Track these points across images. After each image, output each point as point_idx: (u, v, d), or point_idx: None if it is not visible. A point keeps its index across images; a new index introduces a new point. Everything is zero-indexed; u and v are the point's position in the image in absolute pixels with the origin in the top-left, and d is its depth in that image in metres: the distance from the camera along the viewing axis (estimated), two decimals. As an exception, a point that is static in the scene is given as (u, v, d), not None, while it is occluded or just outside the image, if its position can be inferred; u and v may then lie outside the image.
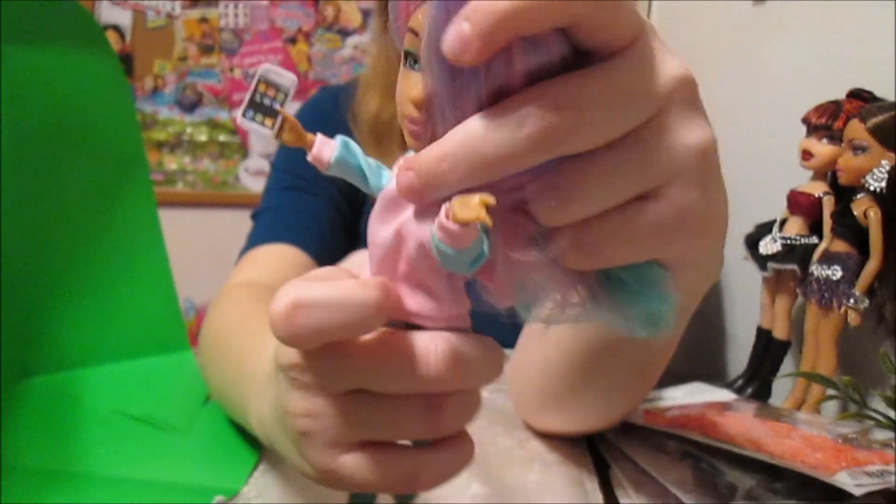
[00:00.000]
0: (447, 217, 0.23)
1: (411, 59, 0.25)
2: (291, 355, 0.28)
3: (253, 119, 0.28)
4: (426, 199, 0.25)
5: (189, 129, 1.79)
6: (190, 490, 0.48)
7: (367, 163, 0.28)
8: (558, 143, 0.23)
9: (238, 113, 0.28)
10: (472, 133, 0.23)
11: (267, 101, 0.28)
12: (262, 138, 0.26)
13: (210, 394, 0.63)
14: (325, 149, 0.27)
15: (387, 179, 0.28)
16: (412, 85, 0.25)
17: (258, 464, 0.53)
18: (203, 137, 1.79)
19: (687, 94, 0.26)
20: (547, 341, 0.54)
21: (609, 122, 0.23)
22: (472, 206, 0.22)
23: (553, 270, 0.26)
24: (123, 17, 1.72)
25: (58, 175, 0.63)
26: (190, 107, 1.78)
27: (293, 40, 1.76)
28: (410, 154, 0.26)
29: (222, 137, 1.80)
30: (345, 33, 1.75)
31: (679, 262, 0.28)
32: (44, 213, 0.63)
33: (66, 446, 0.54)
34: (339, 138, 0.28)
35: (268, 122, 0.28)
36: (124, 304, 0.68)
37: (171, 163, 1.79)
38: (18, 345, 0.62)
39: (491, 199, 0.22)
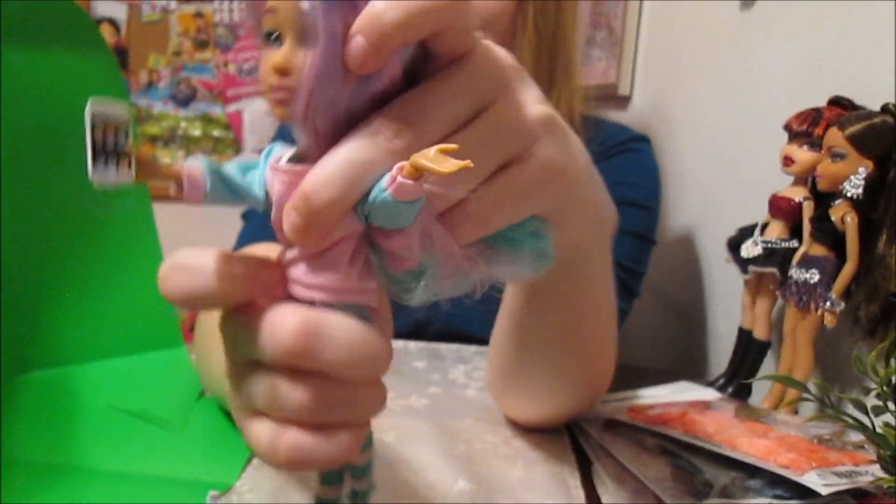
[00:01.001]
0: (403, 175, 0.24)
1: (271, 36, 0.27)
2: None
3: (106, 170, 0.25)
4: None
5: (183, 124, 1.80)
6: (184, 484, 0.50)
7: (238, 178, 0.28)
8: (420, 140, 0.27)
9: (87, 167, 0.25)
10: (339, 161, 0.26)
11: (110, 143, 0.25)
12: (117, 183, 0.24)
13: (204, 388, 0.64)
14: (195, 186, 0.27)
15: (260, 183, 0.28)
16: (273, 56, 0.27)
17: (251, 458, 0.54)
18: (197, 132, 1.80)
19: (519, 80, 0.32)
20: (497, 321, 0.56)
21: (460, 112, 0.28)
22: (452, 161, 0.23)
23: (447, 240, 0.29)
24: (119, 11, 1.73)
25: (54, 173, 0.64)
26: (184, 101, 1.79)
27: (286, 36, 1.77)
28: (277, 147, 0.28)
29: (216, 132, 1.81)
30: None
31: (557, 212, 0.34)
32: (40, 211, 0.64)
33: (64, 440, 0.55)
34: (204, 164, 0.27)
35: (122, 167, 0.25)
36: (119, 301, 0.69)
37: (165, 157, 1.80)
38: (15, 341, 0.63)
39: (453, 146, 0.24)
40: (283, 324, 0.26)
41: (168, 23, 1.76)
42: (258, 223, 0.82)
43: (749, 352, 0.73)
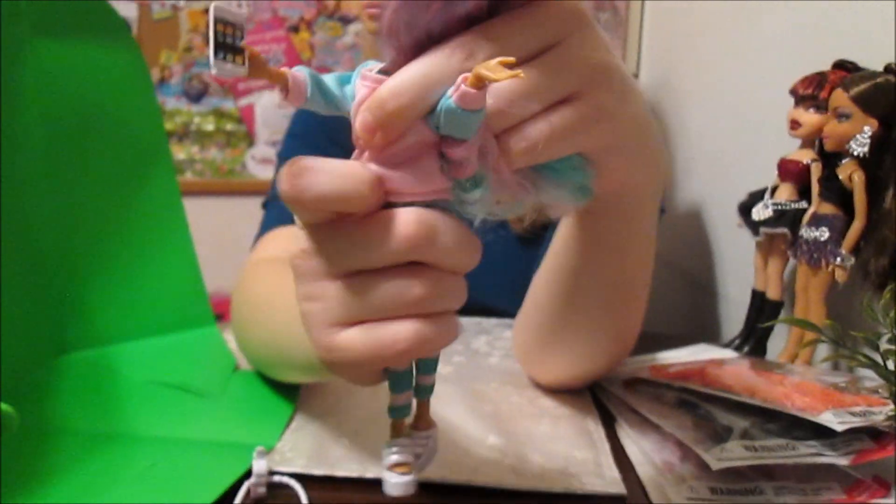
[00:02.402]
0: (468, 84, 0.27)
1: None
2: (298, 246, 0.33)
3: (224, 63, 0.27)
4: (381, 136, 0.29)
5: (196, 119, 1.82)
6: (228, 446, 0.52)
7: (335, 89, 0.31)
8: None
9: (210, 59, 0.27)
10: (414, 72, 0.29)
11: (229, 41, 0.28)
12: (228, 76, 0.27)
13: (243, 361, 0.67)
14: (299, 90, 0.30)
15: (351, 94, 0.31)
16: None
17: (290, 422, 0.57)
18: (210, 127, 1.82)
19: (588, 27, 0.34)
20: (535, 286, 0.59)
21: (531, 45, 0.31)
22: (498, 69, 0.26)
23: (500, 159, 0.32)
24: (129, 10, 1.74)
25: (87, 162, 0.67)
26: (196, 97, 1.81)
27: (295, 29, 1.79)
28: (369, 63, 0.31)
29: (229, 126, 1.83)
30: (346, 21, 1.78)
31: (606, 152, 0.37)
32: (75, 199, 0.67)
33: (109, 410, 0.57)
34: (307, 71, 0.30)
35: (238, 62, 0.28)
36: (153, 284, 0.71)
37: (180, 152, 1.82)
38: (54, 323, 0.66)
39: (511, 59, 0.26)
40: (404, 221, 0.29)
41: (178, 19, 1.78)
42: (278, 212, 0.84)
43: (763, 312, 0.75)
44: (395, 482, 0.33)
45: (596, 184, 0.39)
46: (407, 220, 0.29)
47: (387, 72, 0.30)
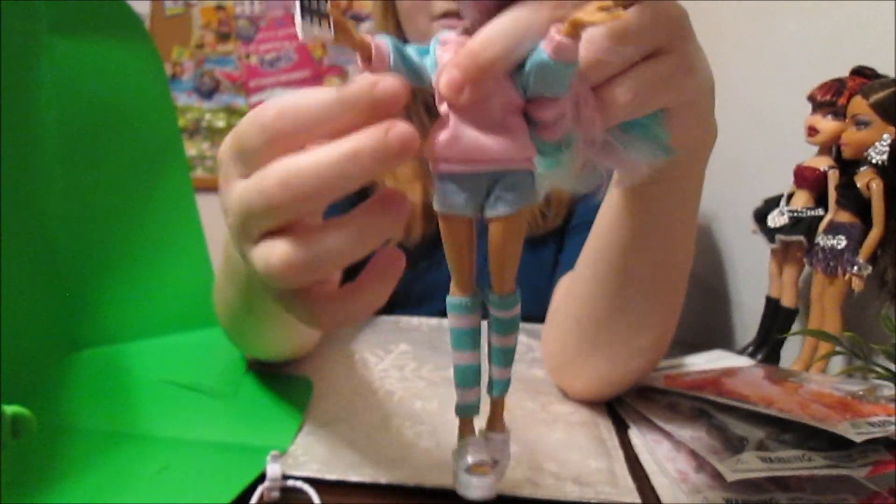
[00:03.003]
0: (562, 35, 0.26)
1: None
2: (226, 146, 0.33)
3: (311, 27, 0.27)
4: (470, 95, 0.28)
5: (207, 116, 1.82)
6: (241, 449, 0.52)
7: (416, 58, 0.31)
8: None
9: (297, 22, 0.27)
10: (504, 23, 0.28)
11: (314, 5, 0.27)
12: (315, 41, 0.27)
13: (245, 357, 0.67)
14: (381, 59, 0.30)
15: (432, 64, 0.31)
16: None
17: (302, 426, 0.57)
18: (221, 123, 1.82)
19: None
20: (574, 283, 0.58)
21: None
22: (598, 13, 0.26)
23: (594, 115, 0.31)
24: (141, 6, 1.75)
25: (102, 159, 0.67)
26: (208, 93, 1.81)
27: (308, 26, 1.79)
28: (444, 33, 0.31)
29: (240, 123, 1.83)
30: (358, 19, 1.78)
31: (684, 105, 0.37)
32: (89, 196, 0.67)
33: (122, 410, 0.57)
34: (389, 41, 0.30)
35: (325, 25, 0.28)
36: (165, 281, 0.71)
37: (191, 149, 1.83)
38: (67, 320, 0.66)
39: (609, 2, 0.26)
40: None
41: (190, 16, 1.78)
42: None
43: (777, 319, 0.75)
44: (477, 484, 0.32)
45: (683, 137, 0.38)
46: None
47: (467, 33, 0.30)
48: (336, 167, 0.27)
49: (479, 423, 0.38)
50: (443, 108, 0.30)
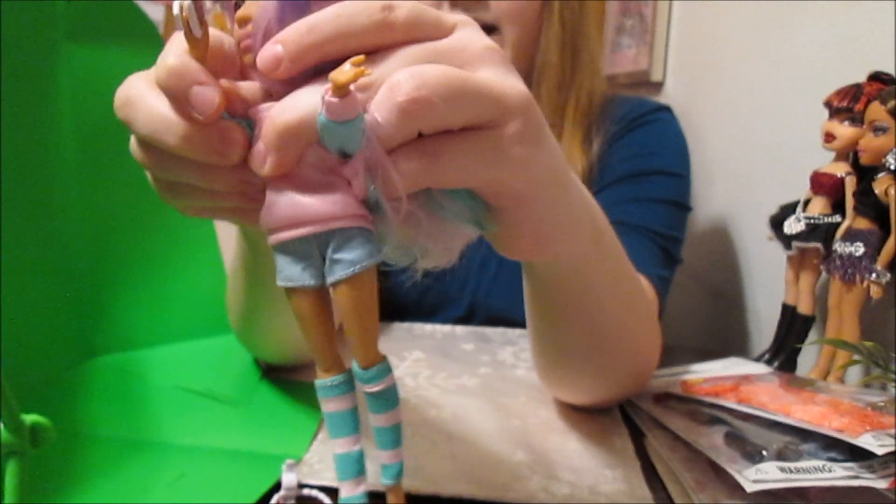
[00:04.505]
0: (330, 94, 0.26)
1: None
2: None
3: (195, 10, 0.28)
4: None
5: (220, 122, 1.83)
6: (256, 457, 0.52)
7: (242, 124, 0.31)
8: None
9: None
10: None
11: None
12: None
13: (259, 361, 0.67)
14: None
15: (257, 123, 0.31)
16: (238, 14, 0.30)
17: (317, 434, 0.56)
18: (233, 129, 1.83)
19: (499, 58, 0.32)
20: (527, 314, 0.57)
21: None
22: (348, 71, 0.26)
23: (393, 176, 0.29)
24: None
25: (118, 166, 0.67)
26: (220, 100, 1.82)
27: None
28: (261, 106, 0.30)
29: (253, 129, 1.84)
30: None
31: (511, 196, 0.35)
32: (105, 203, 0.67)
33: (138, 417, 0.57)
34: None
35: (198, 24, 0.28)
36: (180, 289, 0.71)
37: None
38: (83, 326, 0.66)
39: (361, 57, 0.26)
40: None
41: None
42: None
43: (794, 327, 0.74)
44: None
45: (514, 246, 0.38)
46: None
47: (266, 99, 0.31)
48: None
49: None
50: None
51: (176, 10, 0.27)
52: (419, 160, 0.29)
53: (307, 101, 0.28)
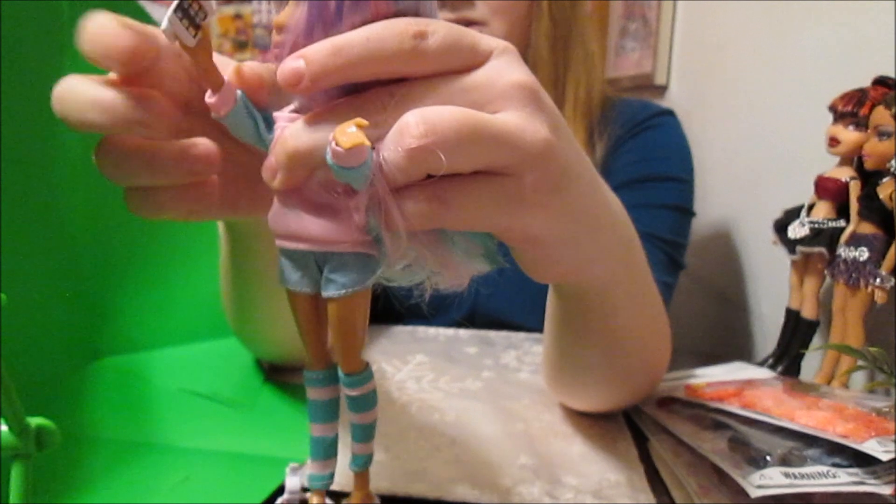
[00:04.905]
0: (336, 144, 0.26)
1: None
2: None
3: (177, 26, 0.28)
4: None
5: (224, 124, 1.83)
6: (259, 460, 0.52)
7: (260, 117, 0.31)
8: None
9: (165, 19, 0.27)
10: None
11: (192, 12, 0.28)
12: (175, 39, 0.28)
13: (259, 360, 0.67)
14: (227, 99, 0.30)
15: (276, 130, 0.31)
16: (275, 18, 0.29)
17: (320, 437, 0.56)
18: (238, 131, 1.83)
19: (526, 96, 0.31)
20: (545, 324, 0.57)
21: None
22: (352, 134, 0.25)
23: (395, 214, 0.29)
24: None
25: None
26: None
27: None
28: (284, 112, 0.31)
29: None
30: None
31: (529, 241, 0.34)
32: (109, 205, 0.67)
33: (142, 420, 0.57)
34: (241, 94, 0.30)
35: (189, 32, 0.28)
36: (184, 291, 0.71)
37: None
38: (87, 328, 0.66)
39: (365, 122, 0.26)
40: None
41: (208, 24, 1.79)
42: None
43: (798, 331, 0.74)
44: None
45: (538, 273, 0.37)
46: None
47: (297, 111, 0.30)
48: None
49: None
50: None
51: (164, 24, 0.28)
52: (426, 203, 0.29)
53: (321, 134, 0.28)
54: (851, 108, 0.68)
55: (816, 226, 0.71)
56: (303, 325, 0.32)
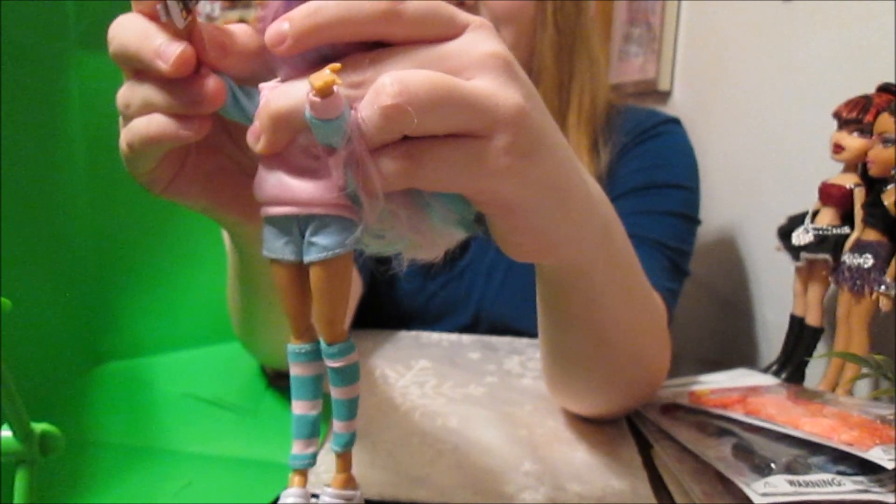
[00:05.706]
0: (312, 94, 0.27)
1: None
2: None
3: (169, 9, 0.29)
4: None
5: (229, 129, 1.83)
6: (262, 465, 0.52)
7: (242, 94, 0.32)
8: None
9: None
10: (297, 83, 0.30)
11: None
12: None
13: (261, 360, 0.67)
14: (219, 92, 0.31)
15: (261, 98, 0.31)
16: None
17: (324, 442, 0.56)
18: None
19: (500, 66, 0.32)
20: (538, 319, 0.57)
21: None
22: (325, 75, 0.27)
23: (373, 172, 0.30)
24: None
25: (126, 174, 0.67)
26: (228, 107, 1.83)
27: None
28: (270, 83, 0.32)
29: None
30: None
31: (501, 207, 0.34)
32: (113, 211, 0.67)
33: (145, 425, 0.58)
34: (227, 80, 0.32)
35: (181, 16, 0.29)
36: (188, 296, 0.71)
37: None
38: (91, 333, 0.66)
39: (338, 66, 0.27)
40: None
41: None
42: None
43: (802, 338, 0.74)
44: None
45: (512, 248, 0.38)
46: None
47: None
48: None
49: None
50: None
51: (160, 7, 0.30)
52: (401, 162, 0.30)
53: (300, 92, 0.29)
54: (856, 115, 0.68)
55: (821, 232, 0.71)
56: (286, 294, 0.33)
